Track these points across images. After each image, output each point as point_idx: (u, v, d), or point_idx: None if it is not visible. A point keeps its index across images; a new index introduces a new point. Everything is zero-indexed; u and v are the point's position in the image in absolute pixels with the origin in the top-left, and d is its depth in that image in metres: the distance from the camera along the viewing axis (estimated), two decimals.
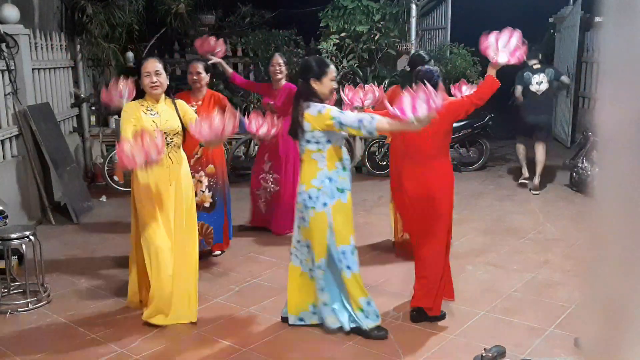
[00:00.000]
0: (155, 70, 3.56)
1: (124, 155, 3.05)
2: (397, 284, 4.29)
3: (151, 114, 3.57)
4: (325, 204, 3.33)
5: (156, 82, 3.56)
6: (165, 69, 3.65)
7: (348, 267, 3.40)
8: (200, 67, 4.65)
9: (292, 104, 4.93)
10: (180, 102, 3.75)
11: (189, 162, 3.94)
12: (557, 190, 7.08)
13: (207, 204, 4.71)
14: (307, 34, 9.32)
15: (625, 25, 0.82)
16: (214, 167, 4.72)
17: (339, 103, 4.01)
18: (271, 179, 5.34)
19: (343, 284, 3.45)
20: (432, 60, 4.76)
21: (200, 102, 4.63)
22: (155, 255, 3.49)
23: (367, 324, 3.44)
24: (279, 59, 5.31)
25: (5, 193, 5.18)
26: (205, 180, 4.69)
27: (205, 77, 4.67)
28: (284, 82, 5.33)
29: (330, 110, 3.26)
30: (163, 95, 3.67)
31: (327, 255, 3.40)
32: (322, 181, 3.33)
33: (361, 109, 3.93)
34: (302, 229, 3.47)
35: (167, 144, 3.50)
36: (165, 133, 3.48)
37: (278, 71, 5.26)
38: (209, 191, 4.71)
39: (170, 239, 3.55)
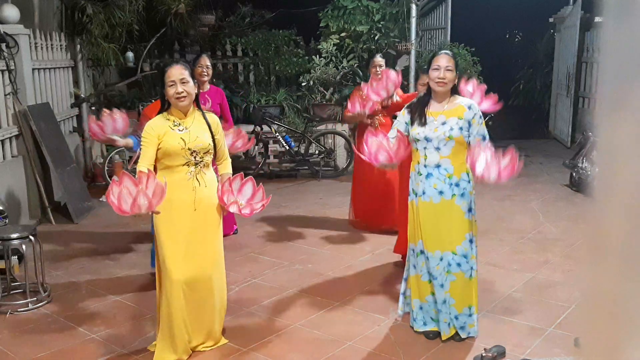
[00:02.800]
0: (181, 78, 3.07)
1: (111, 199, 2.84)
2: (397, 284, 4.29)
3: (179, 130, 3.12)
4: (409, 197, 3.45)
5: (183, 92, 3.07)
6: (192, 75, 3.17)
7: (414, 266, 3.44)
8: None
9: (220, 108, 5.10)
10: (211, 116, 3.29)
11: None
12: (557, 190, 7.08)
13: None
14: (307, 34, 9.33)
15: (625, 25, 0.82)
16: None
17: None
18: None
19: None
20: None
21: None
22: (169, 290, 3.13)
23: (416, 326, 3.50)
24: (207, 60, 5.03)
25: (5, 193, 5.18)
26: None
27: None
28: (208, 85, 5.13)
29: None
30: (192, 107, 3.20)
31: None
32: (410, 176, 3.43)
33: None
34: None
35: (196, 164, 3.14)
36: (194, 152, 3.11)
37: (205, 73, 5.00)
38: None
39: (190, 271, 3.16)
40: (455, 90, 3.35)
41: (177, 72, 3.08)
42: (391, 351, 3.31)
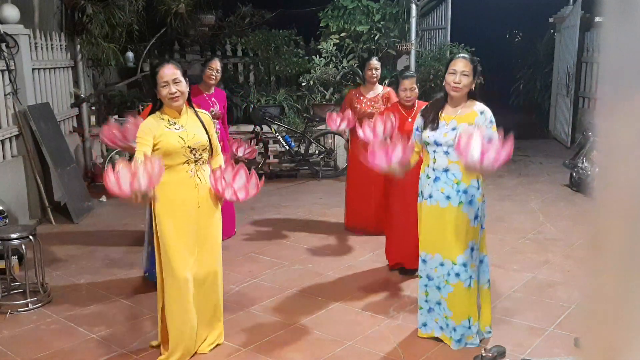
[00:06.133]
0: (173, 78, 3.07)
1: (109, 179, 2.69)
2: (397, 283, 4.30)
3: (175, 129, 3.11)
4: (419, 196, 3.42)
5: (176, 92, 3.07)
6: (184, 74, 3.16)
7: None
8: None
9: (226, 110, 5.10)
10: (203, 114, 3.30)
11: None
12: (557, 190, 7.08)
13: None
14: (307, 34, 9.33)
15: (625, 25, 0.82)
16: None
17: None
18: None
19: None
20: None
21: None
22: (177, 288, 3.12)
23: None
24: (218, 64, 5.07)
25: (5, 193, 5.18)
26: None
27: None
28: (213, 89, 5.14)
29: None
30: (185, 106, 3.20)
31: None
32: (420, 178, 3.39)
33: None
34: None
35: (196, 162, 3.15)
36: (194, 149, 3.12)
37: (214, 77, 5.03)
38: None
39: (199, 268, 3.19)
40: (472, 95, 3.28)
41: (170, 73, 3.07)
42: (391, 351, 3.31)
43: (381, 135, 3.84)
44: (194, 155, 3.13)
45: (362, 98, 5.29)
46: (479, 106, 3.25)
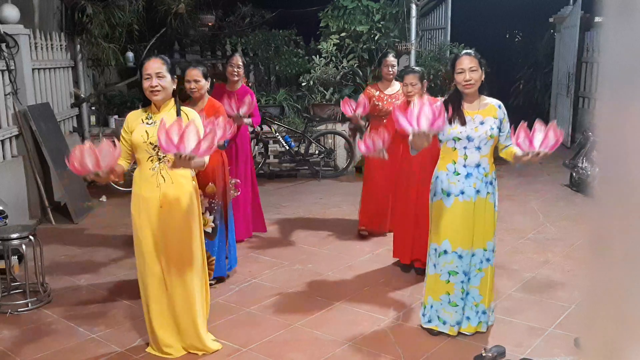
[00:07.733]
0: (157, 72, 3.03)
1: (73, 159, 2.72)
2: (397, 283, 4.30)
3: (148, 123, 3.09)
4: (431, 198, 3.47)
5: (156, 86, 3.03)
6: (171, 71, 3.11)
7: (434, 265, 3.46)
8: (199, 73, 4.09)
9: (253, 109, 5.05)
10: (187, 114, 3.15)
11: None
12: (557, 190, 7.08)
13: (208, 229, 4.10)
14: (307, 34, 9.33)
15: (625, 25, 0.82)
16: (214, 186, 4.12)
17: None
18: (231, 185, 4.71)
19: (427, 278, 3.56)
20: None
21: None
22: (142, 285, 3.26)
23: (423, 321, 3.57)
24: (239, 60, 5.03)
25: (5, 193, 5.18)
26: (205, 202, 4.06)
27: (206, 85, 4.12)
28: (240, 84, 5.11)
29: None
30: (171, 103, 3.15)
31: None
32: (435, 176, 3.43)
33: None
34: None
35: (159, 160, 3.08)
36: (156, 147, 3.02)
37: (235, 73, 4.98)
38: (210, 214, 4.12)
39: (159, 268, 3.19)
40: (482, 90, 3.35)
41: (154, 66, 3.05)
42: (391, 351, 3.31)
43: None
44: (157, 152, 3.07)
45: (382, 95, 5.23)
46: (493, 100, 3.38)
